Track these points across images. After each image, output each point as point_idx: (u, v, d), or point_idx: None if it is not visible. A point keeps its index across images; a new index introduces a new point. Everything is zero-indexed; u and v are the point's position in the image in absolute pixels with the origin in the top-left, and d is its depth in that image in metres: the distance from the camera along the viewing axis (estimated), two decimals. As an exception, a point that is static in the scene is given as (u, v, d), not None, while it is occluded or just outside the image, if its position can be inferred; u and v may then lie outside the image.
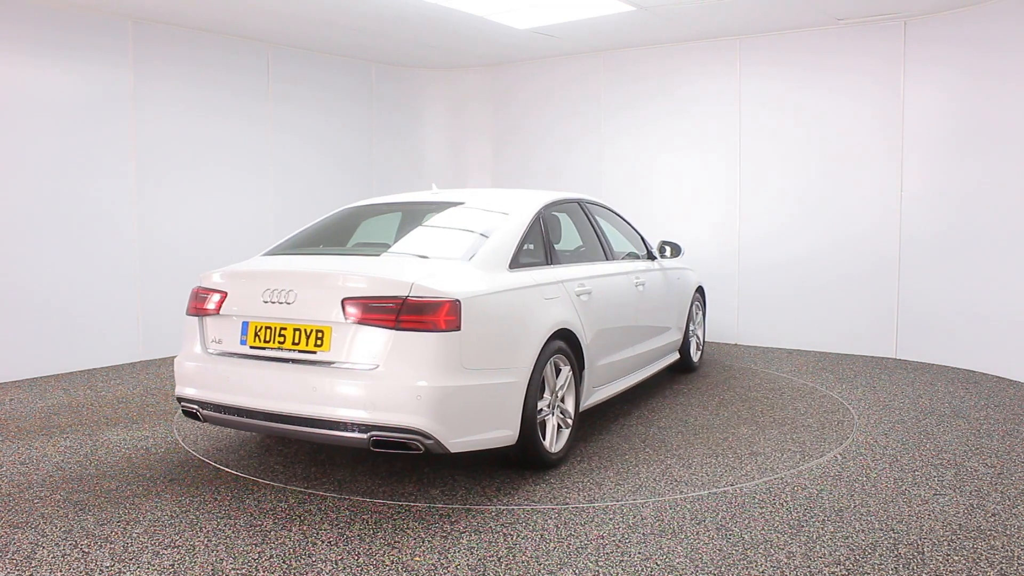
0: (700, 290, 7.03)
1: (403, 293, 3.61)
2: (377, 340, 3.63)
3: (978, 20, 6.73)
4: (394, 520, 3.63)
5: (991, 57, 6.66)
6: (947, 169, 7.05)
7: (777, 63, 7.85)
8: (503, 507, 3.77)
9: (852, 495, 3.95)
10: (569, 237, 5.49)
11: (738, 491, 4.00)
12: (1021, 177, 6.42)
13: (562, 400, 4.43)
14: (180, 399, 4.14)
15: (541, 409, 4.19)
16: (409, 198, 5.28)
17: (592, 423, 5.23)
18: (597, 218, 5.58)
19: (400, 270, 3.90)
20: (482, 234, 4.34)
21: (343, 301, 3.69)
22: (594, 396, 4.88)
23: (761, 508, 3.77)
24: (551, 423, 4.30)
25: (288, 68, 8.40)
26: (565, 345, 4.38)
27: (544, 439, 4.21)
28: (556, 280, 4.49)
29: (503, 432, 3.90)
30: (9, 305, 6.49)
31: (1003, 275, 6.59)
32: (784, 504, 3.82)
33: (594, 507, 3.79)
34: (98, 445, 4.78)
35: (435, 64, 9.53)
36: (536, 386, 4.07)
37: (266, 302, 3.88)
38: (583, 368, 4.61)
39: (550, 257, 4.67)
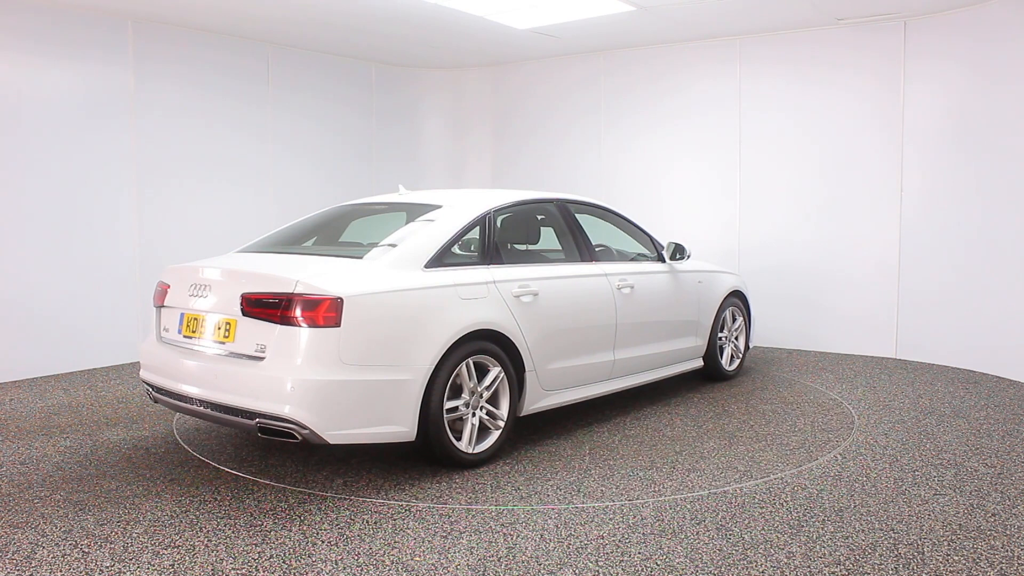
0: (738, 295, 6.63)
1: (288, 290, 3.85)
2: (266, 333, 3.87)
3: (978, 20, 6.73)
4: (394, 520, 3.63)
5: (991, 57, 6.66)
6: (947, 169, 7.05)
7: (777, 63, 7.86)
8: (430, 505, 3.78)
9: (852, 495, 3.95)
10: (535, 237, 5.46)
11: (738, 491, 4.01)
12: (1021, 177, 6.43)
13: (492, 401, 4.45)
14: (142, 380, 4.55)
15: (457, 408, 4.24)
16: (376, 200, 5.46)
17: (556, 425, 5.17)
18: (579, 219, 5.46)
19: (290, 269, 4.12)
20: (409, 235, 4.44)
21: (242, 297, 3.96)
22: (548, 400, 4.83)
23: (761, 508, 3.77)
24: (469, 423, 4.31)
25: (288, 68, 8.40)
26: (494, 346, 4.40)
27: (460, 439, 4.25)
28: (484, 281, 4.47)
29: (395, 428, 3.99)
30: (10, 306, 6.49)
31: (1003, 275, 6.59)
32: (784, 504, 3.82)
33: (594, 507, 3.79)
34: (98, 445, 4.78)
35: (435, 64, 9.53)
36: (442, 385, 4.12)
37: (191, 296, 4.27)
38: (524, 370, 4.60)
39: (491, 257, 4.67)
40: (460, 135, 9.94)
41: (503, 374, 4.45)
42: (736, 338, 6.68)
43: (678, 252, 5.98)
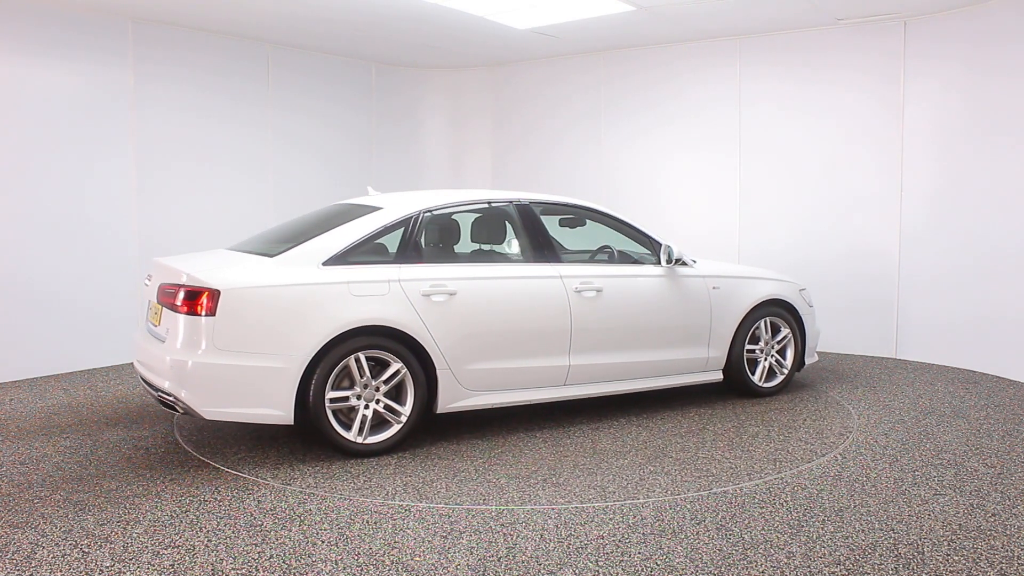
0: (781, 303, 5.97)
1: (180, 281, 4.36)
2: (169, 319, 4.39)
3: (978, 19, 6.73)
4: (394, 520, 3.64)
5: (991, 56, 6.66)
6: (948, 168, 7.05)
7: (777, 63, 7.85)
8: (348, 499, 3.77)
9: (852, 495, 3.95)
10: (484, 237, 5.45)
11: (738, 491, 4.01)
12: (1021, 177, 6.43)
13: (394, 396, 4.59)
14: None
15: (347, 398, 4.46)
16: (354, 201, 5.51)
17: (504, 427, 5.09)
18: (544, 219, 5.33)
19: (187, 264, 4.58)
20: (322, 233, 4.73)
21: (158, 287, 4.54)
22: (473, 400, 4.83)
23: (761, 508, 3.77)
24: (361, 414, 4.48)
25: (288, 68, 8.39)
26: (394, 343, 4.54)
27: (349, 429, 4.47)
28: (385, 279, 4.59)
29: (272, 411, 4.34)
30: (9, 305, 6.49)
31: (1003, 275, 6.59)
32: (784, 504, 3.82)
33: (594, 507, 3.79)
34: (98, 445, 4.78)
35: (435, 64, 9.53)
36: (323, 376, 4.37)
37: (145, 285, 4.88)
38: (437, 368, 4.67)
39: (407, 256, 4.78)
40: (460, 135, 9.94)
41: (406, 370, 4.56)
42: (781, 352, 6.03)
43: (673, 254, 5.54)
